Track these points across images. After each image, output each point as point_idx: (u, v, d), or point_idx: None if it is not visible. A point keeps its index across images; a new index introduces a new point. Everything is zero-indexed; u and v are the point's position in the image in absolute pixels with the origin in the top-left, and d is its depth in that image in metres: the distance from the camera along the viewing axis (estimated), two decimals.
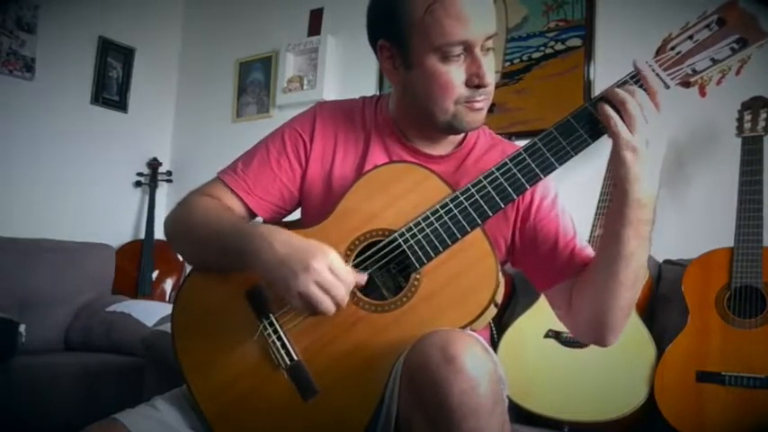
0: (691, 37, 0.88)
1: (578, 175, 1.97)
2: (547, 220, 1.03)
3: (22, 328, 2.14)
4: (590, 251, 1.03)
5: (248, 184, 1.06)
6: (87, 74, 3.06)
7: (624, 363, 1.61)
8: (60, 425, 1.89)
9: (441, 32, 0.91)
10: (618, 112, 0.85)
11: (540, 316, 1.78)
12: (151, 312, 2.40)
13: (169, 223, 1.08)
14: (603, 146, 0.86)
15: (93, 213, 3.00)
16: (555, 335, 1.71)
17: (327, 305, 0.85)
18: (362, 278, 0.90)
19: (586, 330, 1.02)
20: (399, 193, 0.94)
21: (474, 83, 0.95)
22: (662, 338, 1.65)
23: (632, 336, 1.64)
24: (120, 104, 3.19)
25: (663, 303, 1.79)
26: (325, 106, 1.12)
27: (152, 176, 3.18)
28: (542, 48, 2.31)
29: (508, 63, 2.39)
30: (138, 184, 3.24)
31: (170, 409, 0.97)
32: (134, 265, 2.85)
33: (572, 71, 2.22)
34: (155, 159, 3.21)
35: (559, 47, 2.27)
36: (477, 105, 0.97)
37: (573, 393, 1.61)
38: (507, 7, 2.42)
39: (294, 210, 1.12)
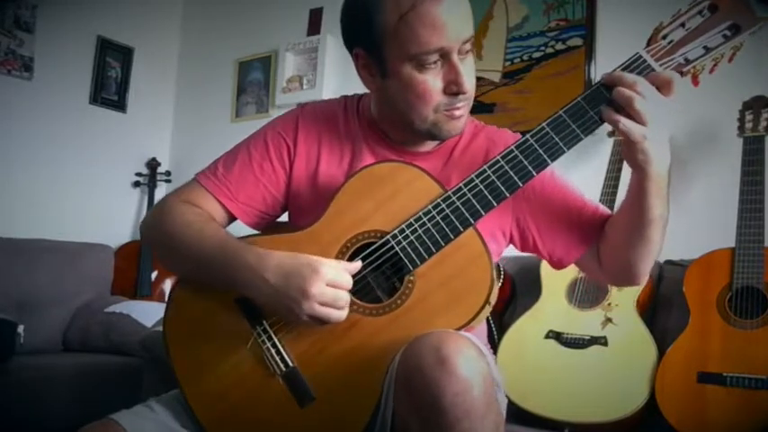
0: (683, 25, 0.87)
1: (578, 175, 1.96)
2: (553, 194, 1.03)
3: (20, 328, 2.14)
4: (603, 209, 1.04)
5: (230, 189, 1.03)
6: (86, 73, 3.05)
7: (625, 363, 1.61)
8: (59, 426, 1.88)
9: (415, 41, 0.89)
10: (625, 108, 0.85)
11: (541, 316, 1.77)
12: (150, 313, 2.39)
13: (146, 232, 1.06)
14: (603, 145, 0.86)
15: (92, 213, 3.00)
16: (555, 335, 1.71)
17: (336, 316, 0.86)
18: (356, 266, 0.89)
19: (621, 280, 1.06)
20: (390, 194, 0.92)
21: (452, 90, 0.93)
22: (663, 339, 1.65)
23: (633, 336, 1.64)
24: (119, 104, 3.18)
25: (664, 304, 1.78)
26: (307, 108, 1.10)
27: (151, 176, 3.17)
28: (543, 47, 2.31)
29: (508, 63, 2.38)
30: (136, 184, 3.24)
31: (166, 410, 0.97)
32: (133, 266, 2.84)
33: (573, 71, 2.22)
34: (154, 159, 3.21)
35: (560, 46, 2.27)
36: (458, 113, 0.95)
37: (573, 394, 1.60)
38: (508, 7, 2.42)
39: (279, 214, 1.10)
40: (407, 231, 0.90)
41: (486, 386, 0.75)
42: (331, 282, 0.85)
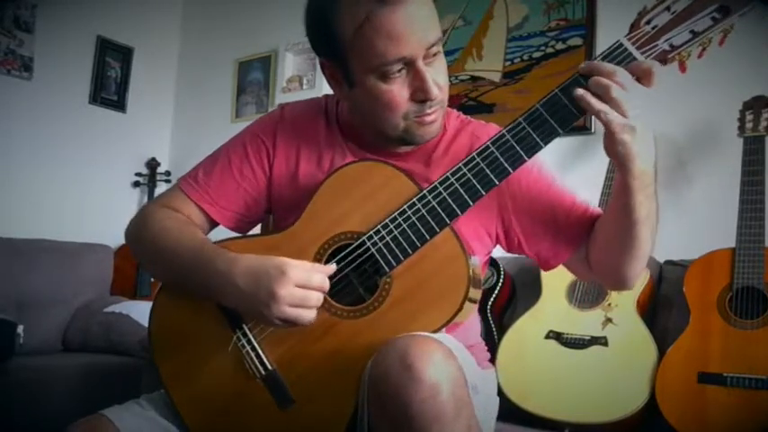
0: (668, 8, 0.82)
1: (578, 175, 1.96)
2: (540, 193, 0.99)
3: (20, 329, 2.13)
4: (593, 209, 1.00)
5: (210, 194, 1.03)
6: (85, 73, 3.05)
7: (625, 364, 1.61)
8: (58, 426, 1.88)
9: (374, 53, 0.87)
10: (602, 97, 0.81)
11: (541, 317, 1.77)
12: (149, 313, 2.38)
13: (129, 238, 1.06)
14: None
15: (92, 214, 2.99)
16: (555, 336, 1.71)
17: (307, 317, 0.85)
18: (331, 269, 0.88)
19: (610, 283, 1.03)
20: (366, 194, 0.91)
21: (419, 98, 0.91)
22: (663, 339, 1.64)
23: (633, 337, 1.64)
24: (119, 104, 3.18)
25: (664, 304, 1.78)
26: (288, 108, 1.09)
27: (150, 176, 3.17)
28: (543, 47, 2.31)
29: (508, 63, 2.38)
30: (136, 184, 3.23)
31: (155, 407, 0.98)
32: (132, 266, 2.83)
33: (573, 71, 2.19)
34: (153, 159, 3.21)
35: (560, 46, 2.27)
36: (428, 119, 0.93)
37: (574, 395, 1.60)
38: (508, 6, 2.41)
39: (263, 216, 1.10)
40: (383, 232, 0.88)
41: (455, 389, 0.74)
42: (299, 283, 0.83)
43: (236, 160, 1.05)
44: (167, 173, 3.23)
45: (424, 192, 0.88)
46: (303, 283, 0.84)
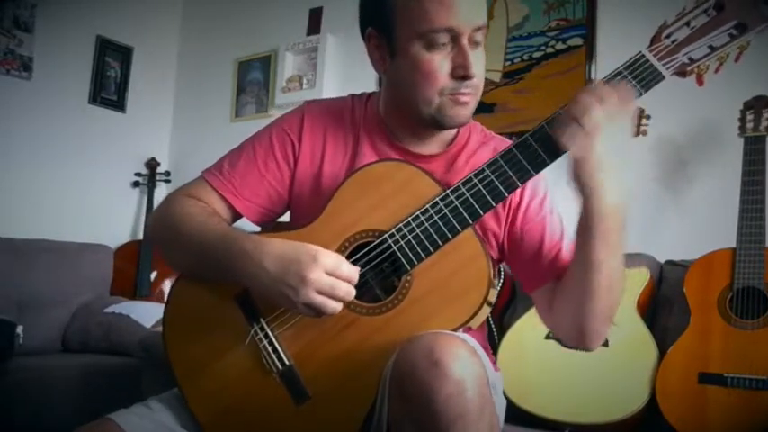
0: (688, 23, 0.85)
1: None
2: (533, 223, 1.01)
3: (19, 329, 2.14)
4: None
5: (234, 186, 1.03)
6: (85, 73, 3.05)
7: (626, 364, 1.60)
8: (58, 426, 1.88)
9: (424, 18, 0.90)
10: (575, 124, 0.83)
11: None
12: (149, 313, 2.39)
13: (151, 227, 1.06)
14: None
15: (91, 214, 2.99)
16: (556, 336, 1.70)
17: (333, 306, 0.85)
18: (357, 268, 0.89)
19: (567, 334, 1.00)
20: (389, 193, 0.92)
21: (459, 74, 0.92)
22: (664, 340, 1.64)
23: (634, 337, 1.64)
24: (118, 104, 3.18)
25: (665, 304, 1.78)
26: (314, 105, 1.10)
27: (150, 176, 3.17)
28: (543, 47, 2.30)
29: (509, 63, 2.38)
30: (136, 184, 3.23)
31: (164, 409, 0.97)
32: (132, 266, 2.83)
33: (573, 70, 2.21)
34: (153, 159, 3.20)
35: (560, 46, 2.26)
36: (463, 99, 0.94)
37: (574, 395, 1.60)
38: (508, 6, 2.41)
39: (284, 212, 1.10)
40: (405, 231, 0.89)
41: (480, 387, 0.74)
42: (329, 270, 0.84)
43: (261, 153, 1.05)
44: (167, 173, 3.23)
45: (447, 192, 0.89)
46: (332, 271, 0.84)
